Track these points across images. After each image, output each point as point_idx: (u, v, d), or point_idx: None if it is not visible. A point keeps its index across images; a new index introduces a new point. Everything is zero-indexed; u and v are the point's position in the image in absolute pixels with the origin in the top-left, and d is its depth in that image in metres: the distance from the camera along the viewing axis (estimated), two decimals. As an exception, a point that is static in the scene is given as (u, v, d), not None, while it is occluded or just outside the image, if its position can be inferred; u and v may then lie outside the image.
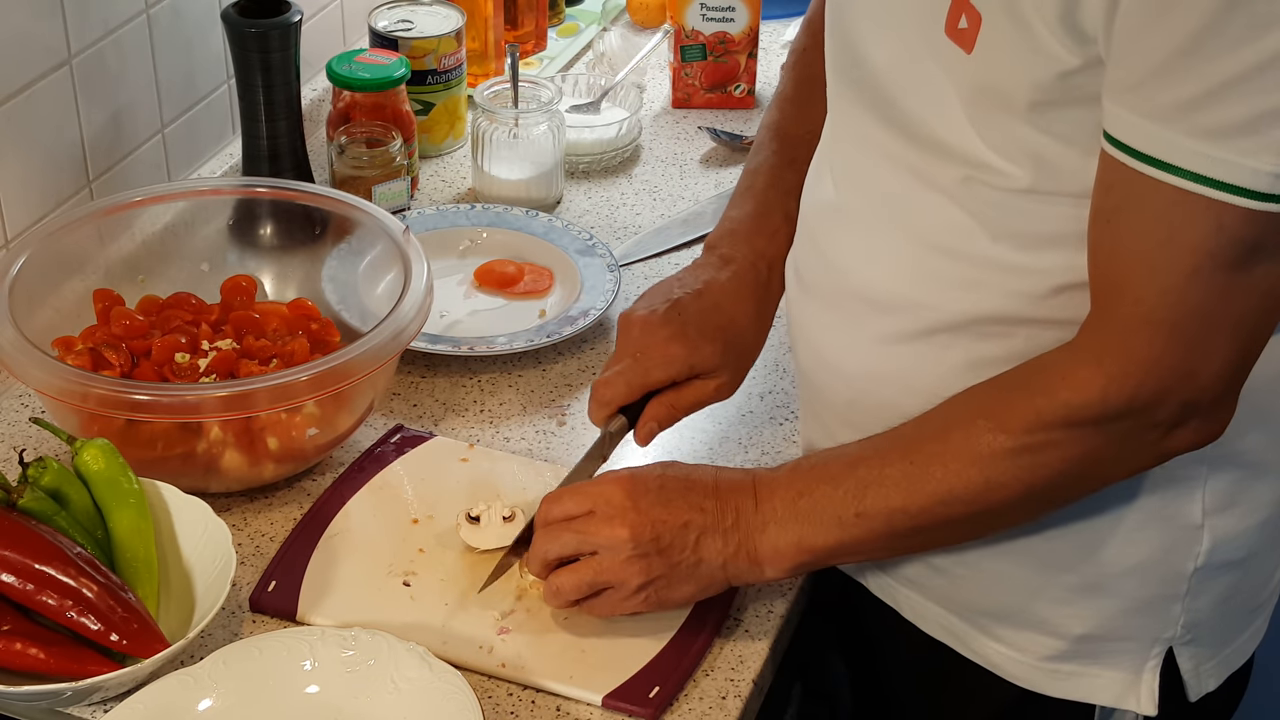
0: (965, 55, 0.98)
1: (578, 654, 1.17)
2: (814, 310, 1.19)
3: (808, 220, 1.20)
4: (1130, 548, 1.11)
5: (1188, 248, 0.93)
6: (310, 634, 1.14)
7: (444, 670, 1.11)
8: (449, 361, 1.50)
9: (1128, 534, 1.11)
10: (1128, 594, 1.13)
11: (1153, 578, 1.12)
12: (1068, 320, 1.02)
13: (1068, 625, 1.15)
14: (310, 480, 1.35)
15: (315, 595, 1.21)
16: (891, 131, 1.07)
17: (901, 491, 1.06)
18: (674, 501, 1.12)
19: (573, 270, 1.60)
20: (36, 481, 1.18)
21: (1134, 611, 1.14)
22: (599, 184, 1.81)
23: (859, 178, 1.12)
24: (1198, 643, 1.16)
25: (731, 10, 1.90)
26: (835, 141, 1.16)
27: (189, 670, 1.12)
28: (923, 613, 1.22)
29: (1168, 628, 1.15)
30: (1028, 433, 1.01)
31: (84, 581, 1.12)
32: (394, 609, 1.20)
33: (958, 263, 1.06)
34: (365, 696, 1.11)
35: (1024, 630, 1.16)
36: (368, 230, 1.46)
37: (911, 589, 1.22)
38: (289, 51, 1.58)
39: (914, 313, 1.09)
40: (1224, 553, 1.13)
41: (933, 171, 1.04)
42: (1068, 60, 0.94)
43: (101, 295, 1.41)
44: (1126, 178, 0.93)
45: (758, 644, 1.20)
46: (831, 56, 1.14)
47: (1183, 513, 1.11)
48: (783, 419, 1.43)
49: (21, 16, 1.41)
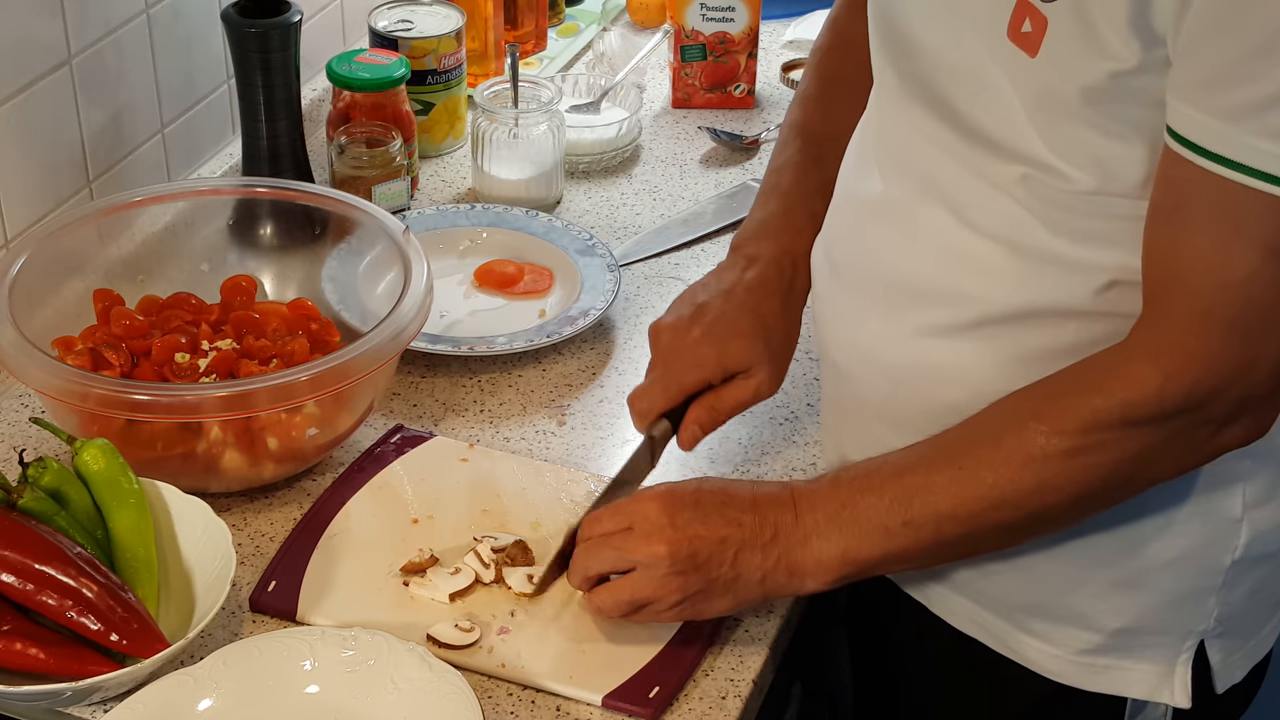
0: (1029, 59, 0.97)
1: (577, 654, 1.17)
2: (851, 302, 1.18)
3: (848, 211, 1.20)
4: (1171, 542, 1.11)
5: (1252, 244, 0.93)
6: (310, 634, 1.14)
7: (444, 670, 1.11)
8: (449, 361, 1.50)
9: (1170, 529, 1.11)
10: (1166, 587, 1.13)
11: (1191, 571, 1.13)
12: (1120, 314, 1.02)
13: (1105, 619, 1.15)
14: (310, 480, 1.35)
15: (315, 595, 1.20)
16: (945, 125, 1.06)
17: (950, 497, 1.05)
18: (711, 517, 1.11)
19: (573, 270, 1.60)
20: (36, 481, 1.18)
21: (1171, 605, 1.14)
22: (599, 184, 1.81)
23: (910, 169, 1.11)
24: (1228, 634, 1.17)
25: (731, 10, 1.90)
26: (883, 133, 1.15)
27: (189, 670, 1.12)
28: (953, 608, 1.21)
29: (1201, 620, 1.15)
30: (1083, 433, 1.01)
31: (84, 581, 1.12)
32: (394, 609, 1.20)
33: (1012, 255, 1.05)
34: (365, 696, 1.11)
35: (1061, 625, 1.16)
36: (368, 230, 1.46)
37: (943, 585, 1.21)
38: (289, 51, 1.58)
39: (962, 304, 1.09)
40: (1261, 545, 1.13)
41: (990, 169, 1.04)
42: (1127, 60, 0.94)
43: (101, 295, 1.41)
44: (1190, 175, 0.94)
45: (758, 644, 1.20)
46: (879, 50, 1.13)
47: (1224, 506, 1.11)
48: (782, 419, 1.43)
49: (21, 16, 1.41)
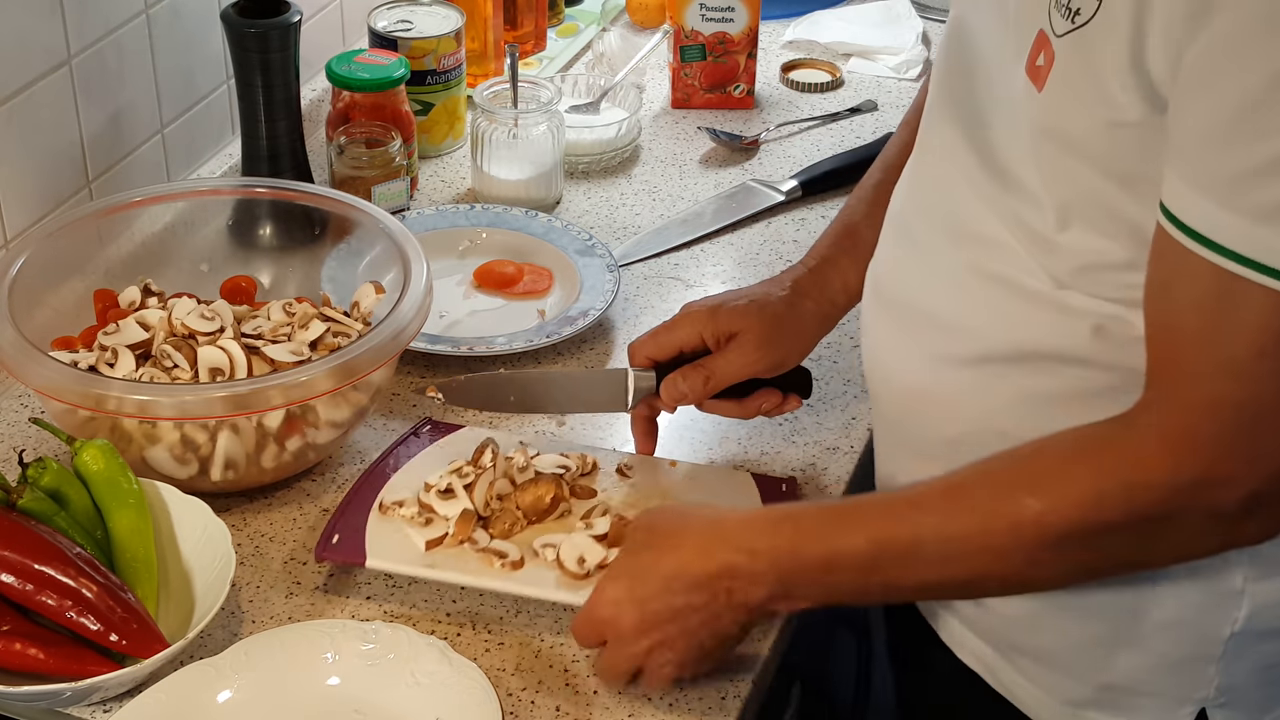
0: (1036, 93, 0.97)
1: None
2: (884, 319, 1.18)
3: (889, 227, 1.20)
4: (1168, 605, 1.09)
5: (1245, 328, 0.88)
6: (331, 626, 1.15)
7: (463, 664, 1.12)
8: (449, 361, 1.50)
9: (1166, 592, 1.08)
10: (1161, 651, 1.11)
11: (1188, 637, 1.10)
12: (1121, 366, 1.00)
13: (1096, 674, 1.13)
14: (310, 480, 1.35)
15: (380, 543, 1.21)
16: (972, 149, 1.06)
17: (935, 570, 1.03)
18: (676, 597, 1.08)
19: (572, 270, 1.60)
20: (36, 482, 1.18)
21: (1166, 668, 1.11)
22: (598, 184, 1.81)
23: (932, 192, 1.11)
24: (1233, 706, 1.13)
25: (731, 10, 1.90)
26: (921, 152, 1.16)
27: (210, 661, 1.12)
28: (961, 640, 1.20)
29: (1201, 688, 1.12)
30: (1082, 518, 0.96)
31: (84, 581, 1.12)
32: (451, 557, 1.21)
33: (1010, 293, 1.04)
34: (385, 689, 1.12)
35: (1054, 671, 1.15)
36: (367, 230, 1.46)
37: (951, 614, 1.20)
38: (288, 51, 1.58)
39: (968, 337, 1.08)
40: (1264, 620, 1.09)
41: (998, 199, 1.04)
42: (1129, 111, 0.91)
43: (101, 295, 1.41)
44: (1177, 251, 0.90)
45: (757, 644, 1.20)
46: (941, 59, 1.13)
47: (1223, 576, 1.07)
48: (782, 419, 1.43)
49: (21, 16, 1.41)
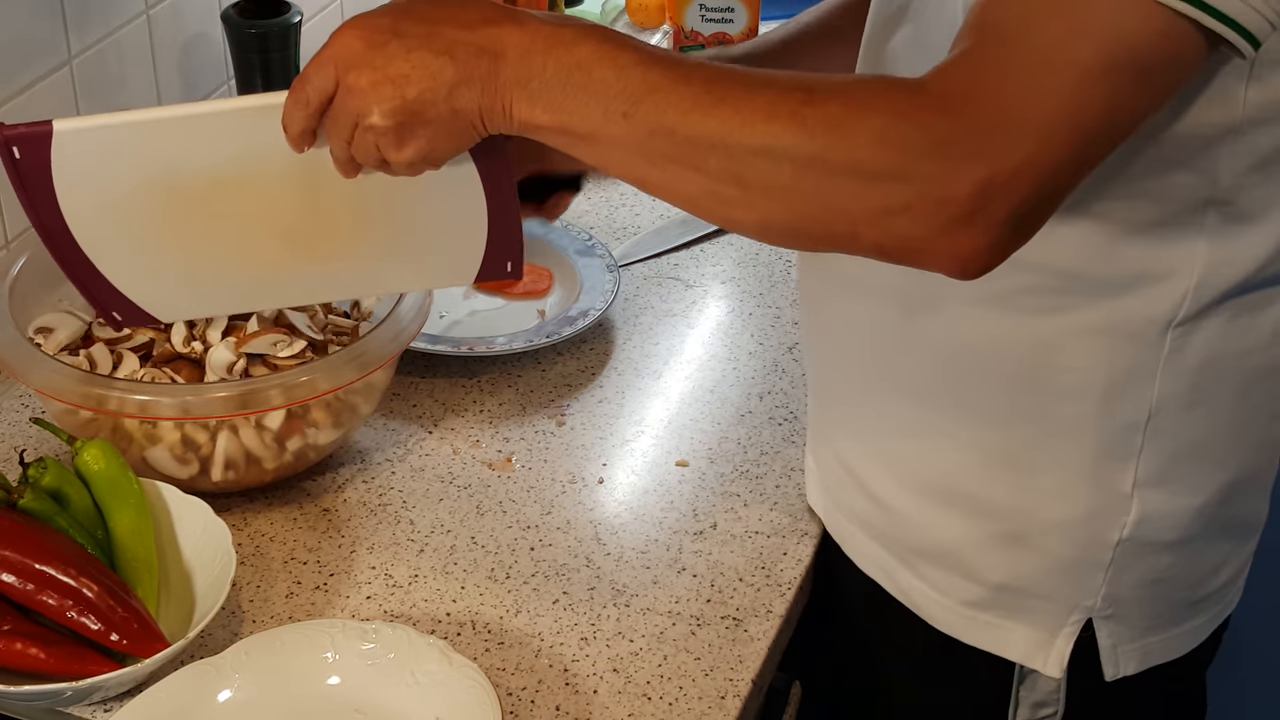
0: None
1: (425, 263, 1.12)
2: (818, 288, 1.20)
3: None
4: (1057, 503, 1.11)
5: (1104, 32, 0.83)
6: (331, 626, 1.15)
7: (463, 664, 1.12)
8: (449, 362, 1.50)
9: (1056, 489, 1.10)
10: (1049, 551, 1.13)
11: (1076, 539, 1.12)
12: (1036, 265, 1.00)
13: (989, 573, 1.15)
14: (310, 480, 1.35)
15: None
16: None
17: (680, 114, 0.92)
18: (415, 51, 0.96)
19: (572, 271, 1.60)
20: (36, 481, 1.18)
21: (1054, 570, 1.13)
22: (598, 184, 1.81)
23: None
24: (1118, 620, 1.15)
25: (731, 11, 1.90)
26: None
27: (210, 660, 1.12)
28: (864, 551, 1.23)
29: (1088, 596, 1.14)
30: (839, 112, 0.88)
31: (84, 581, 1.12)
32: None
33: None
34: (385, 689, 1.12)
35: (950, 573, 1.17)
36: (367, 230, 1.46)
37: (856, 526, 1.23)
38: (289, 52, 1.58)
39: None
40: (1152, 529, 1.11)
41: None
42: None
43: (101, 295, 1.41)
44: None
45: (757, 644, 1.20)
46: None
47: (1114, 478, 1.09)
48: (782, 419, 1.44)
49: (21, 16, 1.41)
